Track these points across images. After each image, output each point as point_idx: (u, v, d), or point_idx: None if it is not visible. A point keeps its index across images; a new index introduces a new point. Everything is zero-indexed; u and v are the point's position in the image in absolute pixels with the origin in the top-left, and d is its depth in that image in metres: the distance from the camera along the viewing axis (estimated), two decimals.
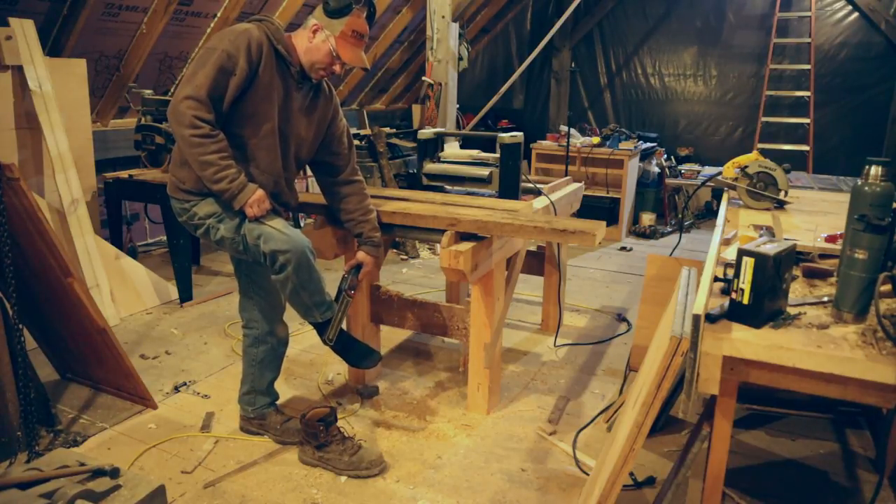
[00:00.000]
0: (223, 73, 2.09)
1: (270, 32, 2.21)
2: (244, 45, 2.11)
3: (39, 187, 3.79)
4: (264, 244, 2.21)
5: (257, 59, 2.14)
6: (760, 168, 2.87)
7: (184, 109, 2.07)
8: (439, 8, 5.70)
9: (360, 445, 2.42)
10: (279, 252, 2.20)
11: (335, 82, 6.84)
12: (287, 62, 2.25)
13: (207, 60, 2.09)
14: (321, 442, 2.39)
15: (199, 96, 2.07)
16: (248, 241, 2.24)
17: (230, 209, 2.23)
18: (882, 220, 1.58)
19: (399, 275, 4.76)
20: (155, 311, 3.96)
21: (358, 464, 2.36)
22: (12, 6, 3.69)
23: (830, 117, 6.65)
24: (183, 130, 2.08)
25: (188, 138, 2.08)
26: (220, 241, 2.29)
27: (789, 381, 1.53)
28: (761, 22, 6.79)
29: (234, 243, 2.27)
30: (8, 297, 2.32)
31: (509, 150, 2.94)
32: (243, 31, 2.15)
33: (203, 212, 2.27)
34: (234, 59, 2.10)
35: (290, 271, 2.22)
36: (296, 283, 2.24)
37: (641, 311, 3.00)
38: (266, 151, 2.27)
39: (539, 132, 7.07)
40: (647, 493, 2.30)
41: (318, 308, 2.33)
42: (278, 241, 2.20)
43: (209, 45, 2.13)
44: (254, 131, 2.23)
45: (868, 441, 2.60)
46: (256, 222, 2.23)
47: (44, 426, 2.58)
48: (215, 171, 2.11)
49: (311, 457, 2.42)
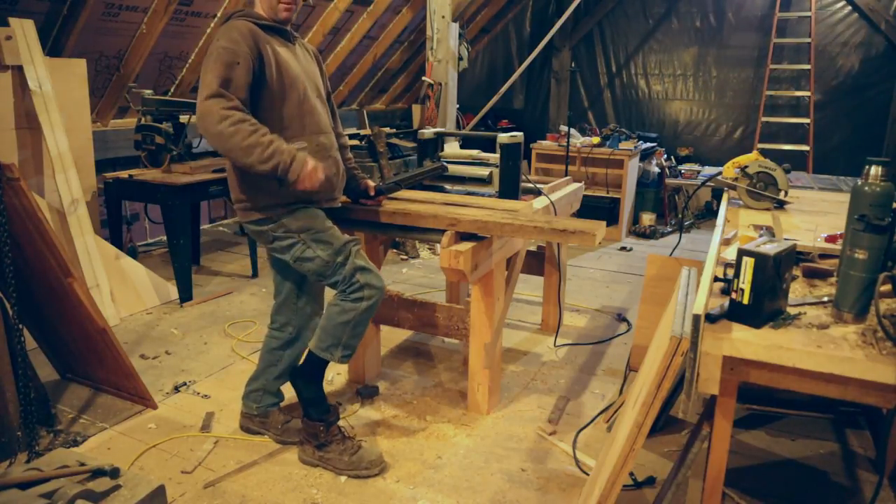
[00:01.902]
0: (229, 66, 2.11)
1: (247, 16, 2.26)
2: (236, 34, 2.16)
3: (39, 187, 3.79)
4: (360, 274, 2.29)
5: (254, 42, 2.17)
6: (760, 168, 2.87)
7: (207, 109, 2.07)
8: (439, 8, 5.70)
9: (359, 445, 2.42)
10: (370, 286, 2.30)
11: (336, 81, 6.85)
12: (277, 28, 2.30)
13: (210, 62, 2.13)
14: (321, 441, 2.39)
15: (215, 91, 2.08)
16: (344, 267, 2.29)
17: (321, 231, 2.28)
18: (882, 220, 1.58)
19: (399, 275, 4.76)
20: (155, 311, 3.96)
21: (358, 463, 2.36)
22: (12, 6, 3.69)
23: (830, 117, 6.65)
24: (216, 127, 2.06)
25: (224, 132, 2.05)
26: (307, 259, 2.30)
27: (789, 381, 1.53)
28: (761, 22, 6.78)
29: (325, 266, 2.29)
30: (8, 297, 2.32)
31: (509, 150, 2.94)
32: (227, 27, 2.20)
33: (296, 225, 2.28)
34: (233, 50, 2.12)
35: (364, 307, 2.29)
36: (353, 318, 2.31)
37: (641, 311, 3.00)
38: (312, 113, 2.33)
39: (539, 132, 7.07)
40: (647, 493, 2.30)
41: (346, 350, 2.35)
42: (373, 276, 2.32)
43: (209, 50, 2.19)
44: (293, 102, 2.27)
45: (868, 441, 2.60)
46: (357, 256, 2.31)
47: (44, 426, 2.58)
48: (261, 150, 2.07)
49: (311, 456, 2.42)
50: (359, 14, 6.14)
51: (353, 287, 2.29)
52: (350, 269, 2.29)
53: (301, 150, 2.20)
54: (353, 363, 3.06)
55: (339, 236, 2.34)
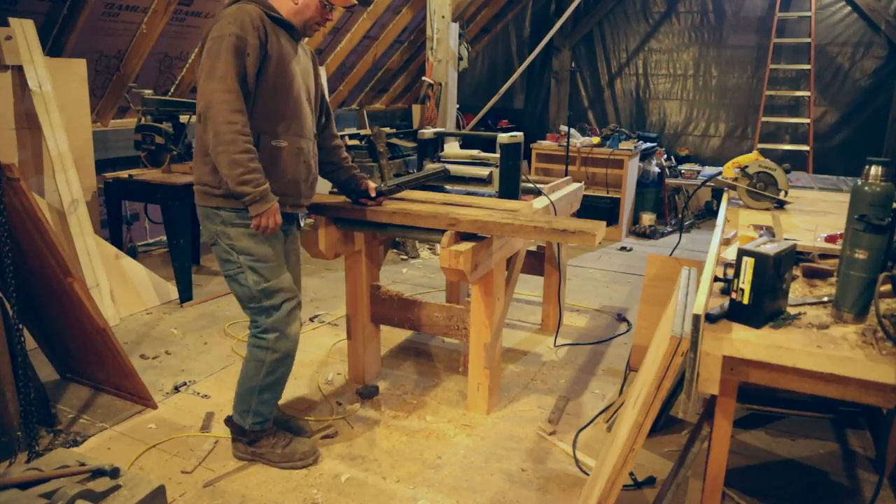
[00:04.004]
0: (239, 56, 2.08)
1: (261, 4, 2.20)
2: (248, 22, 2.10)
3: (39, 187, 3.79)
4: (273, 336, 2.29)
5: (262, 32, 2.13)
6: (760, 168, 2.87)
7: (217, 104, 2.05)
8: (439, 8, 5.70)
9: (291, 438, 2.44)
10: (275, 351, 2.30)
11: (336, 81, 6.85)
12: (287, 25, 2.25)
13: (220, 49, 2.06)
14: (251, 438, 2.41)
15: (228, 87, 2.06)
16: (266, 316, 2.28)
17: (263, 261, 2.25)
18: (882, 220, 1.57)
19: (399, 275, 4.76)
20: (155, 311, 3.96)
21: (291, 455, 2.40)
22: (12, 6, 3.69)
23: (830, 117, 6.66)
24: (217, 126, 2.05)
25: (222, 134, 2.05)
26: (236, 282, 2.29)
27: (789, 381, 1.53)
28: (761, 22, 6.78)
29: (250, 298, 2.28)
30: (8, 297, 2.32)
31: (509, 150, 2.94)
32: (238, 9, 2.13)
33: (241, 245, 2.24)
34: (244, 39, 2.09)
35: (266, 366, 2.30)
36: (258, 384, 2.32)
37: (641, 311, 3.00)
38: (299, 116, 2.29)
39: (539, 132, 7.07)
40: (647, 493, 2.30)
41: (256, 416, 2.37)
42: (284, 343, 2.30)
43: (213, 34, 2.10)
44: (284, 100, 2.24)
45: (868, 441, 2.60)
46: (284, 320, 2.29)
47: (44, 426, 2.58)
48: (242, 171, 2.08)
49: (244, 452, 2.44)
50: (359, 14, 6.14)
51: (260, 340, 2.31)
52: (269, 323, 2.28)
53: (279, 148, 2.22)
54: (353, 363, 3.06)
55: (279, 275, 2.29)
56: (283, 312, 2.28)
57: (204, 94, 2.08)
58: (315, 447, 2.46)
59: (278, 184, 2.24)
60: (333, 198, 2.85)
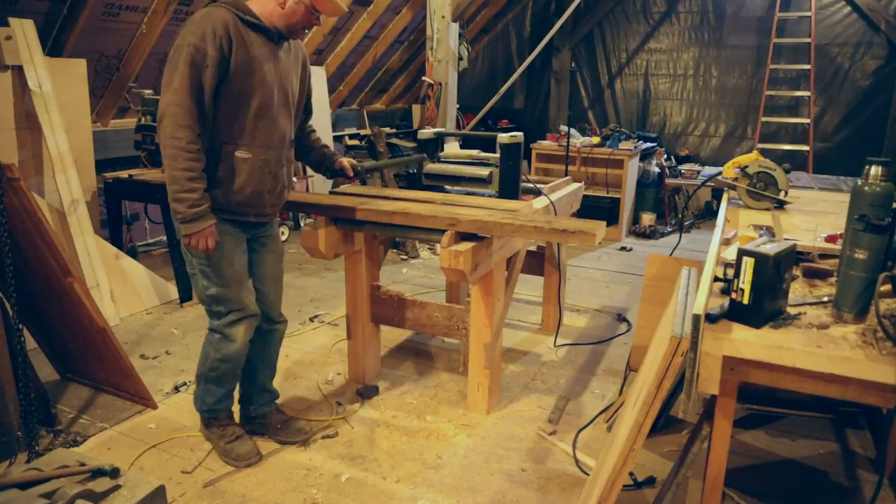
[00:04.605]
0: (195, 68, 2.03)
1: (234, 6, 2.11)
2: (209, 32, 2.03)
3: (39, 187, 3.79)
4: (220, 340, 2.34)
5: (226, 41, 2.06)
6: (760, 168, 2.87)
7: (167, 117, 2.03)
8: (439, 8, 5.70)
9: (237, 435, 2.46)
10: (220, 351, 2.34)
11: (336, 81, 6.85)
12: (263, 28, 2.16)
13: (178, 60, 2.02)
14: (204, 421, 2.50)
15: (179, 101, 2.02)
16: (215, 319, 2.33)
17: (217, 265, 2.25)
18: (882, 220, 1.58)
19: (399, 275, 4.76)
20: (155, 311, 3.96)
21: (229, 452, 2.43)
22: (12, 6, 3.69)
23: (830, 117, 6.65)
24: (163, 139, 2.06)
25: (165, 148, 2.05)
26: (194, 279, 2.31)
27: (789, 381, 1.53)
28: (761, 22, 6.78)
29: (202, 298, 2.32)
30: (8, 297, 2.32)
31: (509, 150, 2.94)
32: (204, 15, 2.07)
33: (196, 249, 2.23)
34: (202, 51, 2.02)
35: (211, 360, 2.36)
36: (204, 372, 2.39)
37: (641, 311, 3.00)
38: (268, 126, 2.22)
39: (539, 132, 7.07)
40: (647, 493, 2.30)
41: (203, 405, 2.46)
42: (230, 349, 2.34)
43: (176, 42, 2.06)
44: (249, 111, 2.17)
45: (868, 441, 2.60)
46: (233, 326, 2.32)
47: (44, 426, 2.58)
48: (178, 189, 2.06)
49: (202, 430, 2.54)
50: (359, 14, 6.15)
51: (210, 336, 2.37)
52: (216, 326, 2.33)
53: (242, 159, 2.18)
54: (353, 363, 3.06)
55: (231, 285, 2.28)
56: (228, 321, 2.32)
57: (160, 105, 2.07)
58: (255, 450, 2.45)
59: (239, 195, 2.21)
60: (333, 198, 2.85)
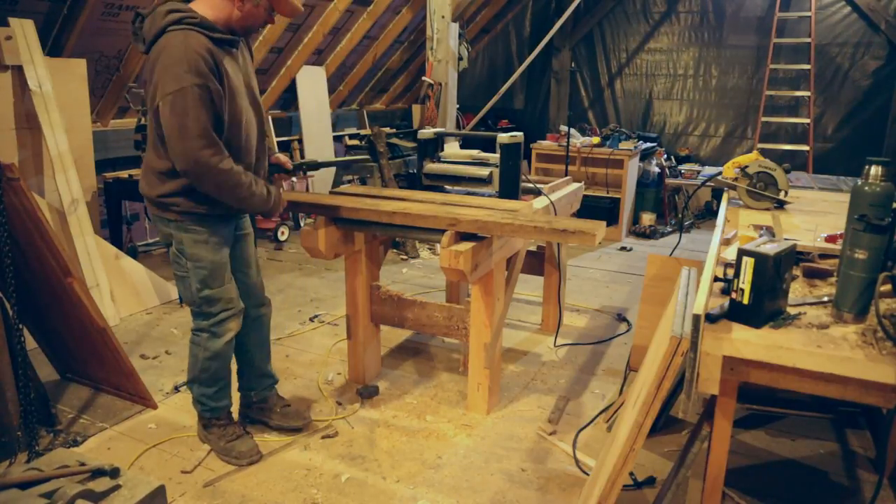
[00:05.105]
0: (207, 106, 2.02)
1: (197, 25, 2.04)
2: (201, 65, 1.99)
3: (39, 187, 3.79)
4: (206, 337, 2.36)
5: (214, 67, 2.04)
6: (760, 168, 2.87)
7: (205, 162, 2.03)
8: (439, 8, 5.70)
9: (238, 434, 2.48)
10: (206, 350, 2.37)
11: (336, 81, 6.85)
12: (224, 39, 2.11)
13: (186, 106, 1.98)
14: (203, 423, 2.50)
15: (209, 142, 2.04)
16: (201, 319, 2.35)
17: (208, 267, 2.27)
18: (882, 220, 1.58)
19: (399, 275, 4.76)
20: (155, 311, 3.96)
21: (229, 451, 2.44)
22: (12, 6, 3.69)
23: (830, 117, 6.65)
24: (216, 179, 2.09)
25: (224, 184, 2.11)
26: (181, 279, 2.33)
27: (789, 381, 1.53)
28: (761, 22, 6.78)
29: (190, 297, 2.34)
30: (8, 297, 2.32)
31: (509, 150, 2.94)
32: (184, 47, 1.98)
33: (191, 251, 2.25)
34: (206, 88, 2.01)
35: (195, 358, 2.39)
36: (192, 366, 2.41)
37: (641, 311, 3.00)
38: (248, 144, 2.27)
39: (539, 132, 7.07)
40: (647, 493, 2.30)
41: (198, 402, 2.47)
42: (214, 345, 2.38)
43: (169, 88, 1.98)
44: (236, 134, 2.19)
45: (868, 441, 2.60)
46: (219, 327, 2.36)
47: (44, 426, 2.58)
48: (256, 203, 2.23)
49: (201, 435, 2.54)
50: (359, 14, 6.14)
51: (195, 337, 2.39)
52: (204, 325, 2.36)
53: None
54: (353, 363, 3.06)
55: (223, 284, 2.31)
56: (218, 320, 2.35)
57: (185, 154, 2.03)
58: (256, 448, 2.47)
59: (226, 206, 2.25)
60: (333, 198, 2.86)
